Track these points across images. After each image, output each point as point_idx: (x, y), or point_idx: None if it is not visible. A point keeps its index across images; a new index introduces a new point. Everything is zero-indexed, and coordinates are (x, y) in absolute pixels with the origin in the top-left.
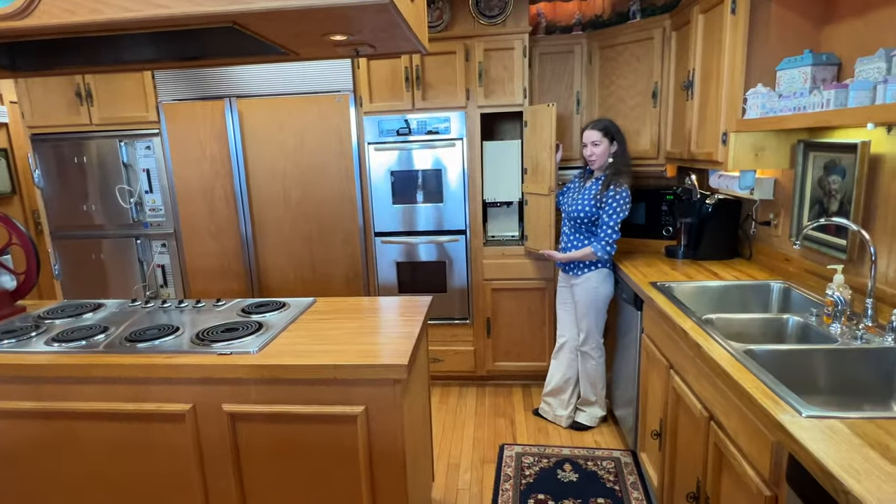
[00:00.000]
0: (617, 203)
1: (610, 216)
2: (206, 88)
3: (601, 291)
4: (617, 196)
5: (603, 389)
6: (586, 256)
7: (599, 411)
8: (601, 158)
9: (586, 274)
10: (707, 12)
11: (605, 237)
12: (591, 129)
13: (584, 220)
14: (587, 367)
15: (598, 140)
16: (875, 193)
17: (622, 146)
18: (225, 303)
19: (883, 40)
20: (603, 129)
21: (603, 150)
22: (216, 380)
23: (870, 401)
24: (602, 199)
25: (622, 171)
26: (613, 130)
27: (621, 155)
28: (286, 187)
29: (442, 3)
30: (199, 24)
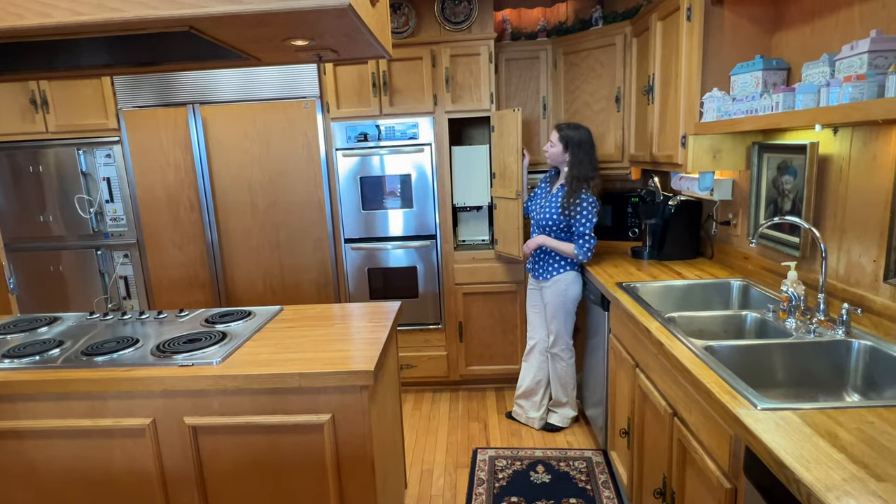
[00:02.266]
0: (587, 210)
1: (584, 224)
2: (168, 95)
3: (570, 293)
4: (585, 203)
5: (574, 390)
6: (567, 252)
7: (571, 412)
8: (553, 159)
9: (555, 276)
10: (665, 19)
11: (584, 244)
12: (555, 128)
13: (552, 226)
14: (557, 368)
15: (554, 142)
16: (824, 192)
17: (587, 156)
18: (188, 313)
19: (828, 45)
20: (561, 134)
21: (556, 153)
22: (177, 392)
23: (824, 392)
24: (570, 209)
25: (585, 178)
26: (573, 141)
27: (582, 164)
28: (253, 195)
29: (407, 10)
30: (154, 29)
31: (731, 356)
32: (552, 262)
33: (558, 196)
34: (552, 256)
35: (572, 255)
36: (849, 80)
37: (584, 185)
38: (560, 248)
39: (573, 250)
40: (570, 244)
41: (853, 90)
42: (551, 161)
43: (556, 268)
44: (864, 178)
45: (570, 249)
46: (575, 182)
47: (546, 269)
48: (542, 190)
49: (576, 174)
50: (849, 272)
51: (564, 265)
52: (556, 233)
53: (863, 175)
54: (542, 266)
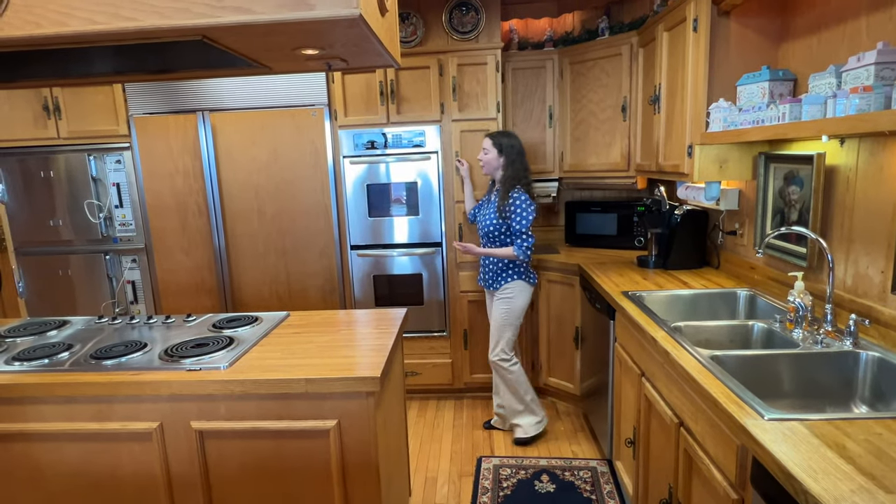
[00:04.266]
0: (520, 208)
1: (519, 223)
2: (178, 102)
3: (516, 303)
4: (517, 202)
5: (528, 394)
6: (507, 255)
7: (533, 417)
8: (488, 166)
9: (504, 286)
10: (671, 30)
11: (522, 242)
12: (487, 136)
13: (494, 232)
14: (504, 377)
15: (487, 148)
16: (831, 203)
17: (520, 159)
18: (196, 318)
19: (834, 57)
20: (493, 140)
21: (490, 159)
22: (185, 396)
23: (831, 403)
24: (505, 210)
25: (518, 179)
26: (505, 146)
27: (516, 166)
28: (260, 201)
29: (415, 19)
30: (168, 38)
31: (737, 366)
32: (499, 272)
33: (494, 203)
34: (498, 266)
35: (513, 257)
36: (856, 92)
37: (518, 185)
38: (499, 253)
39: (513, 251)
40: (509, 247)
41: (860, 101)
42: (487, 169)
43: (503, 277)
44: (872, 189)
45: (510, 251)
46: (508, 182)
47: (495, 279)
48: (486, 199)
49: (510, 175)
50: (856, 283)
51: (512, 274)
52: (502, 238)
53: (870, 186)
54: (491, 276)
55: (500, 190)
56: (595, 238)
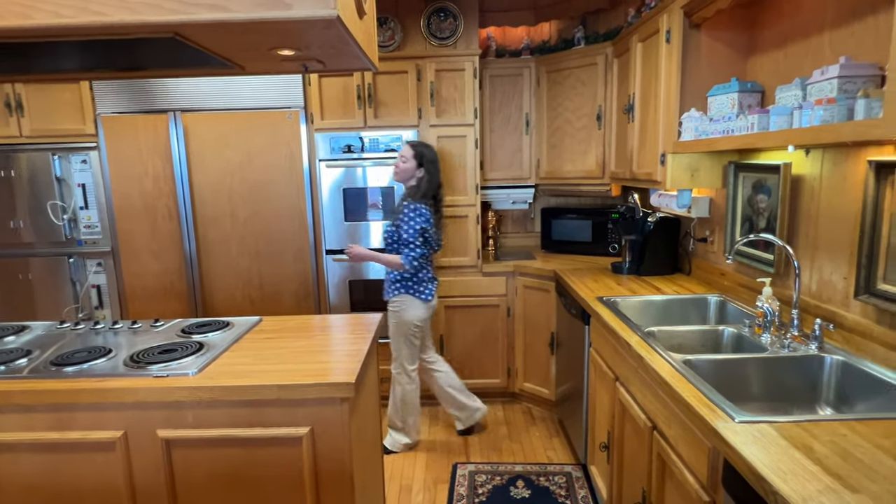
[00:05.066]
0: (409, 217)
1: (407, 231)
2: (148, 101)
3: (404, 317)
4: (407, 210)
5: (412, 417)
6: (391, 262)
7: (404, 439)
8: (402, 174)
9: (393, 298)
10: (645, 41)
11: (409, 252)
12: (408, 144)
13: (388, 240)
14: (395, 392)
15: (407, 157)
16: (797, 211)
17: (437, 173)
18: (164, 323)
19: (799, 70)
20: (415, 150)
21: (406, 169)
22: (151, 404)
23: (798, 405)
24: (397, 218)
25: (426, 193)
26: (426, 158)
27: (432, 180)
28: (233, 204)
29: (393, 24)
30: (138, 34)
31: (709, 370)
32: (390, 283)
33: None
34: (389, 277)
35: (398, 265)
36: (820, 104)
37: (420, 196)
38: (384, 259)
39: (398, 259)
40: (394, 255)
41: (824, 113)
42: (400, 177)
43: (392, 289)
44: (835, 198)
45: (395, 259)
46: (412, 192)
47: (386, 290)
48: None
49: (419, 187)
50: (821, 289)
51: (399, 287)
52: (395, 247)
53: (833, 195)
54: (385, 285)
55: (402, 199)
56: (570, 244)
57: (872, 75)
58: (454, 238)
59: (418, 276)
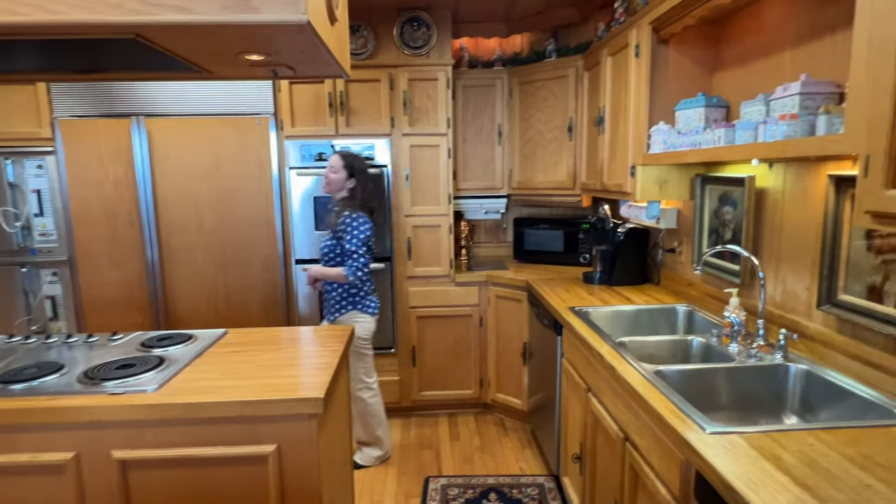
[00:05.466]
0: (354, 228)
1: (351, 242)
2: (110, 105)
3: (355, 333)
4: (352, 221)
5: (380, 429)
6: (336, 275)
7: (376, 451)
8: (333, 185)
9: (339, 317)
10: (615, 55)
11: (353, 262)
12: (337, 154)
13: (329, 254)
14: (358, 408)
15: (337, 168)
16: (762, 223)
17: (370, 183)
18: (122, 336)
19: (762, 86)
20: (345, 160)
21: (337, 180)
22: (106, 423)
23: (764, 414)
24: (337, 230)
25: (364, 203)
26: (357, 168)
27: (367, 190)
28: (199, 212)
29: (366, 32)
30: (97, 34)
31: (679, 380)
32: (332, 304)
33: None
34: (330, 297)
35: (342, 278)
36: (784, 119)
37: (358, 207)
38: (329, 273)
39: (340, 272)
40: (338, 269)
41: (788, 128)
42: (331, 188)
43: (336, 309)
44: (797, 211)
45: (339, 272)
46: (348, 203)
47: (332, 308)
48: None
49: (356, 196)
50: (785, 299)
51: (346, 305)
52: (337, 261)
53: (796, 207)
54: (329, 305)
55: (337, 210)
56: (542, 254)
57: (831, 92)
58: (427, 248)
59: (364, 289)
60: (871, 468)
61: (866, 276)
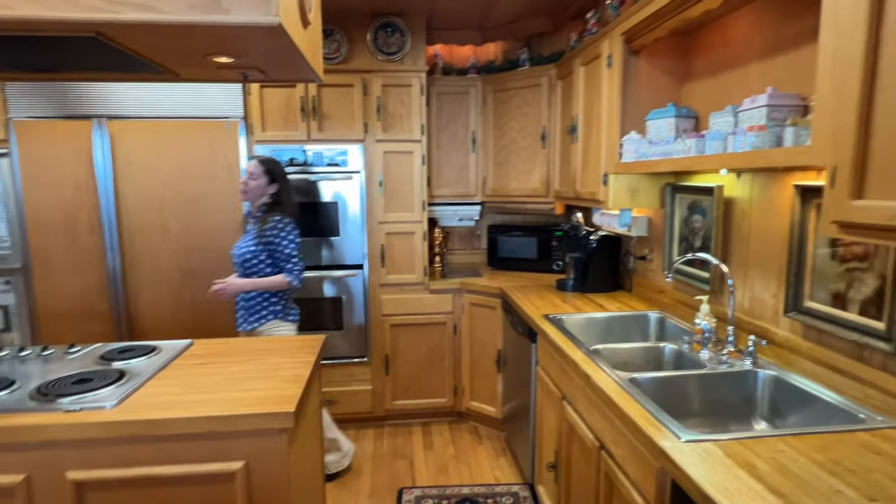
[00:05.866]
0: (286, 231)
1: (288, 247)
2: (70, 106)
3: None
4: (281, 225)
5: (331, 432)
6: (279, 284)
7: (337, 454)
8: (253, 192)
9: (259, 328)
10: (587, 65)
11: (294, 267)
12: (254, 159)
13: (252, 260)
14: None
15: (256, 174)
16: (730, 232)
17: (289, 187)
18: (80, 349)
19: (729, 97)
20: (264, 164)
21: (256, 186)
22: (60, 443)
23: (735, 420)
24: (266, 235)
25: (283, 206)
26: (277, 173)
27: (289, 194)
28: (164, 217)
29: (339, 37)
30: (53, 32)
31: (652, 387)
32: (249, 314)
33: (252, 229)
34: (247, 305)
35: (285, 285)
36: (752, 130)
37: (282, 212)
38: (269, 283)
39: (284, 279)
40: (277, 276)
41: (756, 139)
42: (251, 195)
43: (254, 319)
44: (765, 220)
45: (281, 280)
46: (276, 208)
47: (247, 319)
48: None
49: (283, 200)
50: (753, 306)
51: (267, 315)
52: (260, 267)
53: (763, 216)
54: (244, 314)
55: (261, 215)
56: (516, 261)
57: (796, 105)
58: (400, 255)
59: (285, 297)
60: (841, 473)
61: (831, 284)
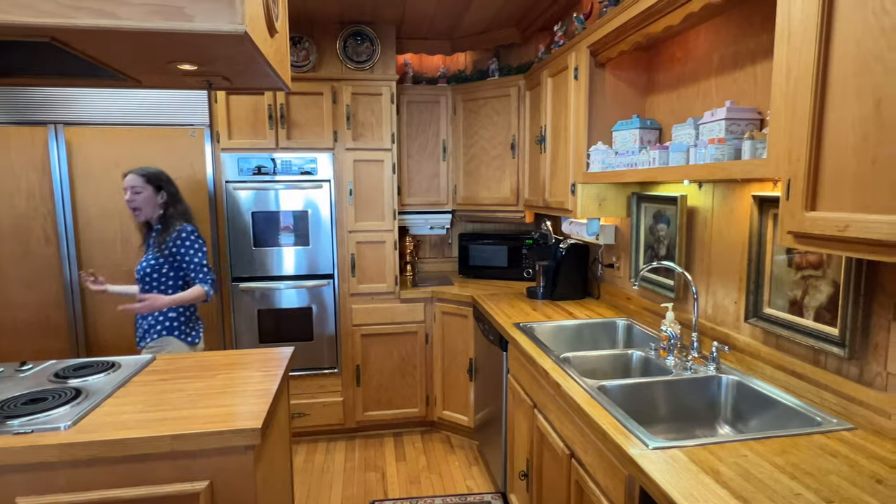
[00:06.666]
0: (194, 241)
1: (197, 255)
2: (23, 111)
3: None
4: (189, 234)
5: None
6: (196, 296)
7: None
8: (146, 206)
9: (150, 344)
10: (555, 76)
11: (207, 276)
12: (131, 174)
13: (153, 273)
14: None
15: (139, 187)
16: (693, 240)
17: (175, 194)
18: (33, 366)
19: (691, 110)
20: (145, 176)
21: (147, 199)
22: (9, 467)
23: (700, 425)
24: (171, 246)
25: (180, 212)
26: (163, 179)
27: (179, 198)
28: (125, 228)
29: (308, 44)
30: (7, 36)
31: (621, 395)
32: (146, 328)
33: (153, 243)
34: (145, 322)
35: (202, 296)
36: (713, 143)
37: (186, 218)
38: (188, 298)
39: (199, 290)
40: (194, 289)
41: (716, 151)
42: (145, 212)
43: (151, 334)
44: (725, 228)
45: (197, 292)
46: (174, 219)
47: (145, 335)
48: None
49: (178, 206)
50: (716, 312)
51: (161, 329)
52: (162, 280)
53: (724, 225)
54: (143, 330)
55: (162, 226)
56: (487, 269)
57: (753, 118)
58: (371, 264)
59: (188, 314)
60: (800, 477)
61: (788, 291)
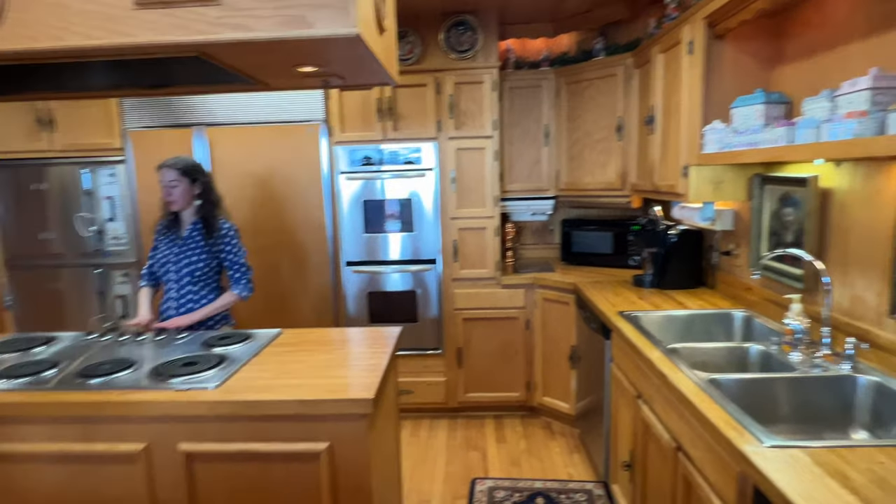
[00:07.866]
0: (237, 238)
1: (237, 254)
2: (174, 116)
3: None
4: (234, 233)
5: None
6: (228, 305)
7: None
8: (182, 200)
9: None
10: (666, 52)
11: (245, 276)
12: (165, 168)
13: (201, 272)
14: None
15: (176, 180)
16: (827, 225)
17: (208, 184)
18: (186, 335)
19: (827, 81)
20: (181, 168)
21: (184, 191)
22: (172, 417)
23: (829, 428)
24: (217, 243)
25: (217, 205)
26: (197, 171)
27: (210, 192)
28: (256, 217)
29: (413, 38)
30: (164, 54)
31: (735, 390)
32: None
33: (196, 238)
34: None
35: (238, 299)
36: (851, 116)
37: (219, 213)
38: (220, 305)
39: (234, 293)
40: (225, 296)
41: (856, 126)
42: (181, 204)
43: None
44: (867, 213)
45: (231, 297)
46: (213, 212)
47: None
48: (165, 239)
49: (213, 198)
50: (853, 306)
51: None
52: (210, 275)
53: (866, 209)
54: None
55: (203, 222)
56: (590, 256)
57: None
58: (473, 250)
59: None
60: None
61: None
